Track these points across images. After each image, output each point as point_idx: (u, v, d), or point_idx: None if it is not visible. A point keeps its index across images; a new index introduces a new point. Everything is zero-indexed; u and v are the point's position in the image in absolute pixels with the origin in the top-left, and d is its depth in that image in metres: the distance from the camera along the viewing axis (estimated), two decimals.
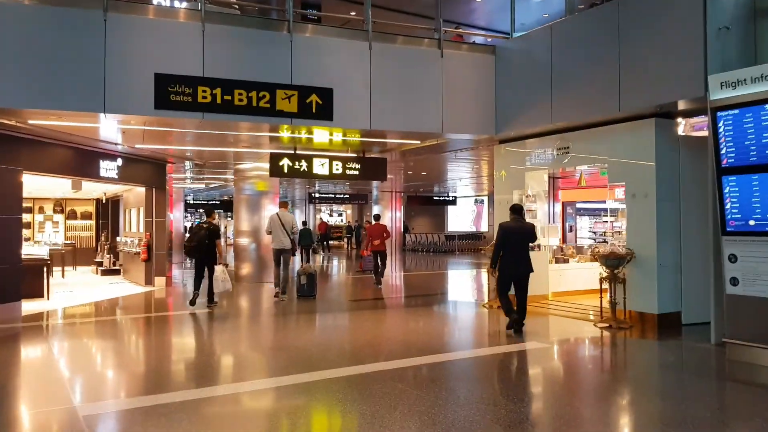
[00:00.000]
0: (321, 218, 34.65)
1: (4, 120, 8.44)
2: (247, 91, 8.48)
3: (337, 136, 11.05)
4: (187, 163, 14.90)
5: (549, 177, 10.82)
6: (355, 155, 12.50)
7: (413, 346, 7.12)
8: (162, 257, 13.87)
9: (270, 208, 14.95)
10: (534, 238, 7.94)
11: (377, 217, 15.08)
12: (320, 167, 12.11)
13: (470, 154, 13.79)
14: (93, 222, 20.72)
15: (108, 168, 11.73)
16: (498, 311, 9.90)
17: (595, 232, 27.02)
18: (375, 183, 23.68)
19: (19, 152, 9.38)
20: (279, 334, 8.37)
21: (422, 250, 30.83)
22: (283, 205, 13.28)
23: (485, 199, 32.37)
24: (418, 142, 11.18)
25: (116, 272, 16.79)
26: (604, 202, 28.52)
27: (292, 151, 12.04)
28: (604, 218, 30.21)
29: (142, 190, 13.99)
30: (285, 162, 11.81)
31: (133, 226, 15.89)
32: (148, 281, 13.88)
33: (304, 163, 11.95)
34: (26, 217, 19.85)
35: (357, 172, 12.41)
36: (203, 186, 23.29)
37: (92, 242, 20.25)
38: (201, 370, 6.30)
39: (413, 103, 9.63)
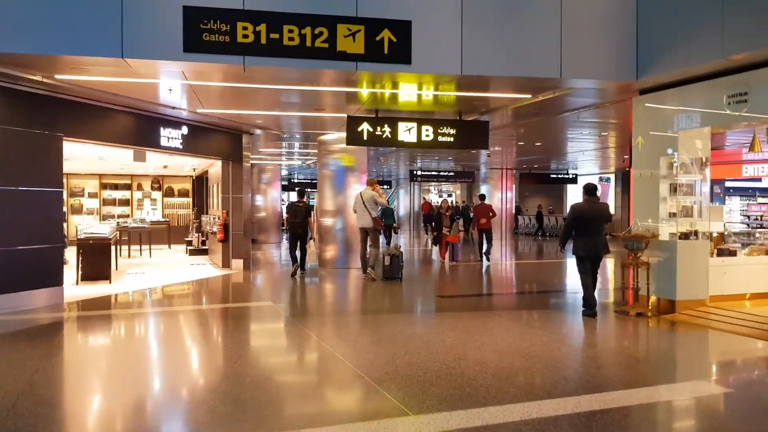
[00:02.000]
0: (425, 198, 32.63)
1: (28, 75, 7.20)
2: (299, 27, 6.57)
3: (428, 94, 8.91)
4: (261, 133, 13.42)
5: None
6: (449, 119, 10.29)
7: (568, 379, 4.93)
8: (239, 238, 12.57)
9: (356, 187, 13.14)
10: (609, 218, 7.83)
11: (482, 197, 15.57)
12: (406, 133, 10.06)
13: (596, 114, 11.01)
14: (190, 199, 20.24)
15: (171, 137, 10.46)
16: (637, 319, 7.37)
17: (748, 216, 22.57)
18: (482, 158, 21.16)
19: (57, 115, 8.20)
20: (381, 348, 6.48)
21: (536, 234, 27.83)
22: (369, 182, 11.50)
23: (612, 177, 28.58)
24: (529, 96, 8.74)
25: (204, 252, 15.92)
26: (760, 180, 23.89)
27: (374, 115, 10.09)
28: (761, 199, 25.40)
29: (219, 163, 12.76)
30: (364, 127, 9.90)
31: (216, 203, 14.82)
32: (226, 264, 12.66)
33: (387, 129, 9.98)
34: (125, 194, 19.74)
35: (452, 139, 10.24)
36: (300, 163, 22.08)
37: (189, 220, 19.73)
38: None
39: (520, 39, 7.23)
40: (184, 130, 10.81)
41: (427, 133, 10.11)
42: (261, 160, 20.99)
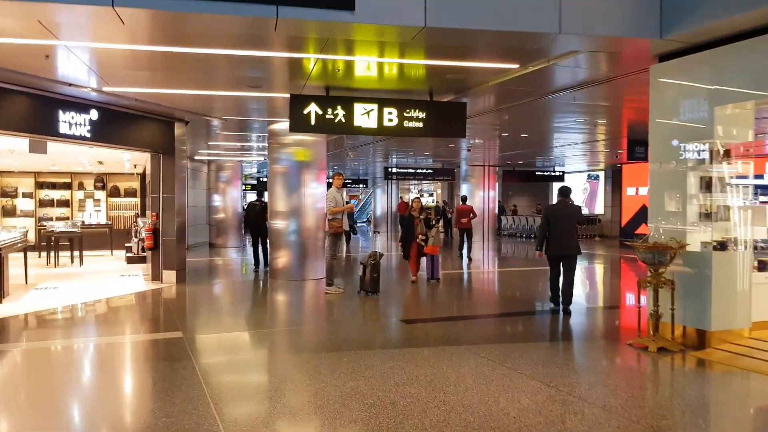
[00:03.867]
0: (402, 198, 30.75)
1: None
2: None
3: (389, 65, 7.03)
4: (200, 121, 11.41)
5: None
6: (418, 99, 8.39)
7: None
8: (172, 245, 10.54)
9: (313, 186, 11.19)
10: (580, 218, 8.82)
11: (464, 199, 16.86)
12: (364, 117, 8.17)
13: (595, 95, 9.17)
14: (138, 200, 18.11)
15: (74, 122, 8.40)
16: (659, 357, 5.54)
17: None
18: (463, 154, 19.29)
19: None
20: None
21: (521, 235, 26.06)
22: (337, 176, 9.62)
23: (601, 174, 26.89)
24: (516, 66, 6.87)
25: (144, 260, 13.84)
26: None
27: (323, 93, 8.15)
28: None
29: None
30: (312, 109, 8.00)
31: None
32: (156, 276, 10.63)
33: (340, 111, 8.09)
34: (65, 194, 17.56)
35: (421, 125, 8.38)
36: (263, 159, 20.06)
37: (131, 223, 17.60)
38: None
39: None
40: (93, 114, 8.75)
41: (391, 117, 8.22)
42: (217, 156, 18.93)
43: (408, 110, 8.24)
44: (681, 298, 6.01)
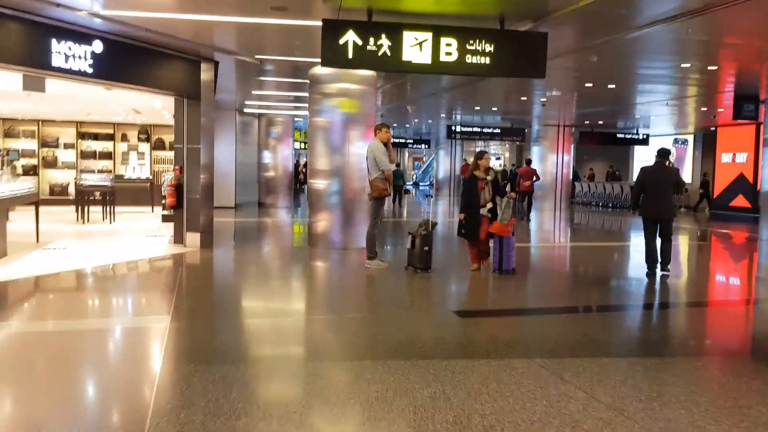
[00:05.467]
0: (466, 159, 28.71)
1: None
2: None
3: None
4: (244, 64, 9.94)
5: None
6: (485, 28, 6.56)
7: None
8: (197, 203, 9.26)
9: (360, 143, 9.55)
10: (679, 183, 7.95)
11: (528, 161, 17.42)
12: (416, 50, 6.46)
13: (719, 26, 7.01)
14: None
15: (70, 54, 7.07)
16: None
17: None
18: (536, 110, 17.07)
19: None
20: None
21: (597, 204, 23.65)
22: (384, 128, 7.96)
23: (690, 138, 23.90)
24: None
25: None
26: None
27: (364, 18, 6.46)
28: None
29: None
30: (349, 38, 6.36)
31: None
32: (178, 238, 9.41)
33: (384, 42, 6.40)
34: (107, 146, 16.74)
35: (488, 60, 6.59)
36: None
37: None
38: None
39: None
40: (97, 46, 7.40)
41: (449, 50, 6.46)
42: (267, 110, 17.58)
43: (472, 41, 6.45)
44: None
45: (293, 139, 19.14)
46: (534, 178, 16.07)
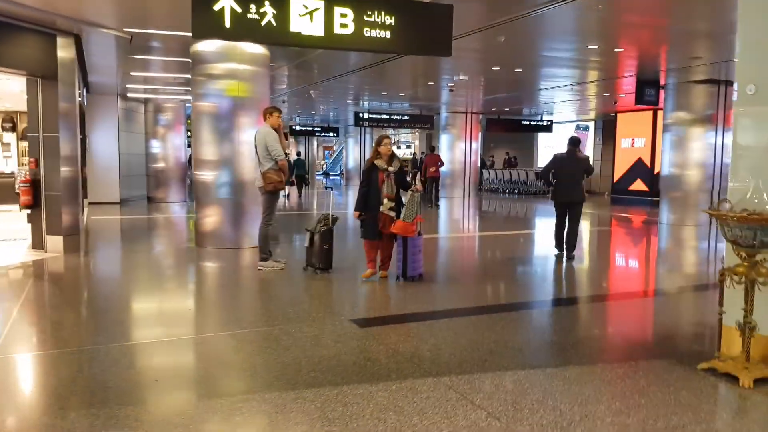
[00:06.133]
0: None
1: None
2: None
3: None
4: (116, 40, 8.65)
5: None
6: None
7: None
8: (56, 203, 7.94)
9: (252, 130, 8.55)
10: (588, 167, 8.13)
11: (432, 148, 19.14)
12: (305, 20, 5.61)
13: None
14: None
15: None
16: (757, 394, 3.26)
17: None
18: (443, 97, 16.66)
19: None
20: None
21: (504, 191, 23.86)
22: (266, 112, 7.04)
23: (591, 125, 24.58)
24: None
25: None
26: None
27: None
28: None
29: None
30: (226, 3, 5.39)
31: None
32: (37, 243, 8.05)
33: (269, 9, 5.52)
34: None
35: (389, 34, 5.86)
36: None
37: None
38: None
39: None
40: None
41: (345, 21, 5.65)
42: (155, 94, 15.99)
43: (370, 12, 5.67)
44: None
45: (186, 127, 17.63)
46: (439, 164, 17.09)
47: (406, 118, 20.68)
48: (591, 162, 8.92)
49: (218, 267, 7.55)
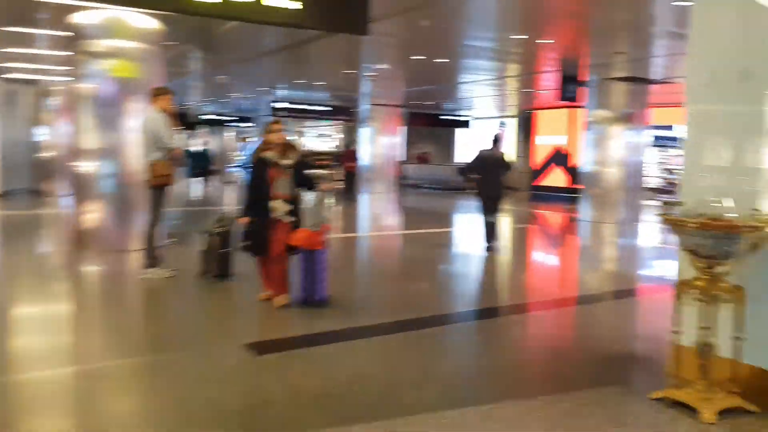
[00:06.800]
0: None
1: None
2: None
3: None
4: None
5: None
6: None
7: None
8: None
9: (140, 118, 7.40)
10: (506, 163, 8.39)
11: (347, 144, 19.46)
12: None
13: None
14: None
15: None
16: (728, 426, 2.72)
17: (670, 170, 19.48)
18: (364, 87, 15.90)
19: None
20: None
21: (425, 186, 23.47)
22: (155, 93, 5.96)
23: (512, 121, 24.58)
24: None
25: None
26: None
27: None
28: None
29: None
30: None
31: None
32: None
33: None
34: None
35: (300, 5, 4.99)
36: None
37: None
38: None
39: None
40: None
41: None
42: (41, 74, 14.16)
43: None
44: (755, 318, 3.28)
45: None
46: (355, 159, 17.87)
47: (326, 109, 19.75)
48: (510, 158, 9.17)
49: (97, 275, 6.43)
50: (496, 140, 8.47)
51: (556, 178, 18.58)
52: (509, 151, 23.84)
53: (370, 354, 4.13)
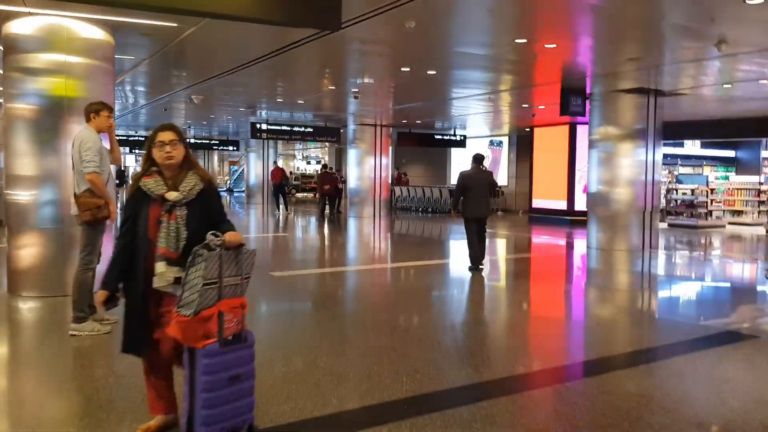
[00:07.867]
0: (276, 163, 26.02)
1: None
2: None
3: None
4: None
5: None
6: None
7: None
8: None
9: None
10: (493, 182, 8.50)
11: (325, 166, 21.87)
12: None
13: None
14: None
15: None
16: None
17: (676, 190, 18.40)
18: (350, 107, 14.91)
19: None
20: None
21: (417, 209, 22.50)
22: (100, 110, 4.89)
23: (505, 140, 23.74)
24: None
25: None
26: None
27: None
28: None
29: None
30: None
31: None
32: None
33: None
34: None
35: None
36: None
37: None
38: None
39: None
40: None
41: None
42: None
43: None
44: None
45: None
46: (333, 182, 18.64)
47: (309, 130, 18.74)
48: (498, 178, 9.02)
49: (22, 329, 5.28)
50: (478, 159, 8.34)
51: (556, 200, 17.55)
52: (501, 170, 23.12)
53: None
